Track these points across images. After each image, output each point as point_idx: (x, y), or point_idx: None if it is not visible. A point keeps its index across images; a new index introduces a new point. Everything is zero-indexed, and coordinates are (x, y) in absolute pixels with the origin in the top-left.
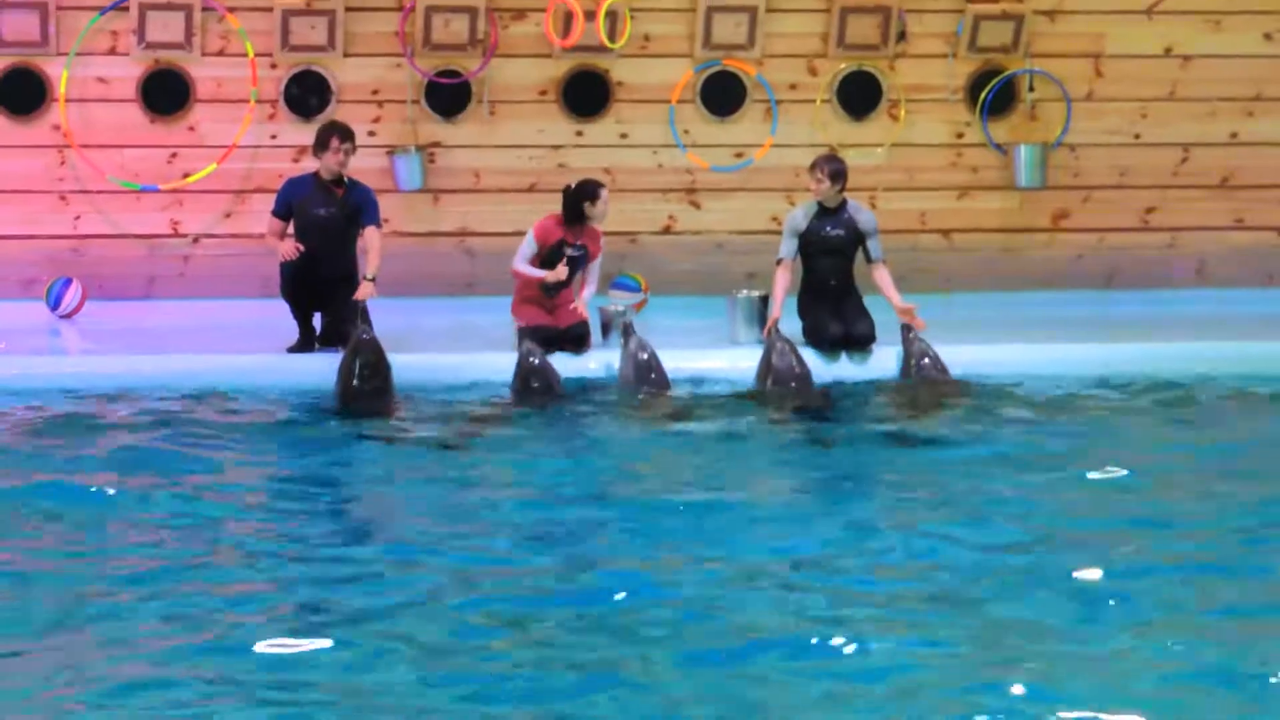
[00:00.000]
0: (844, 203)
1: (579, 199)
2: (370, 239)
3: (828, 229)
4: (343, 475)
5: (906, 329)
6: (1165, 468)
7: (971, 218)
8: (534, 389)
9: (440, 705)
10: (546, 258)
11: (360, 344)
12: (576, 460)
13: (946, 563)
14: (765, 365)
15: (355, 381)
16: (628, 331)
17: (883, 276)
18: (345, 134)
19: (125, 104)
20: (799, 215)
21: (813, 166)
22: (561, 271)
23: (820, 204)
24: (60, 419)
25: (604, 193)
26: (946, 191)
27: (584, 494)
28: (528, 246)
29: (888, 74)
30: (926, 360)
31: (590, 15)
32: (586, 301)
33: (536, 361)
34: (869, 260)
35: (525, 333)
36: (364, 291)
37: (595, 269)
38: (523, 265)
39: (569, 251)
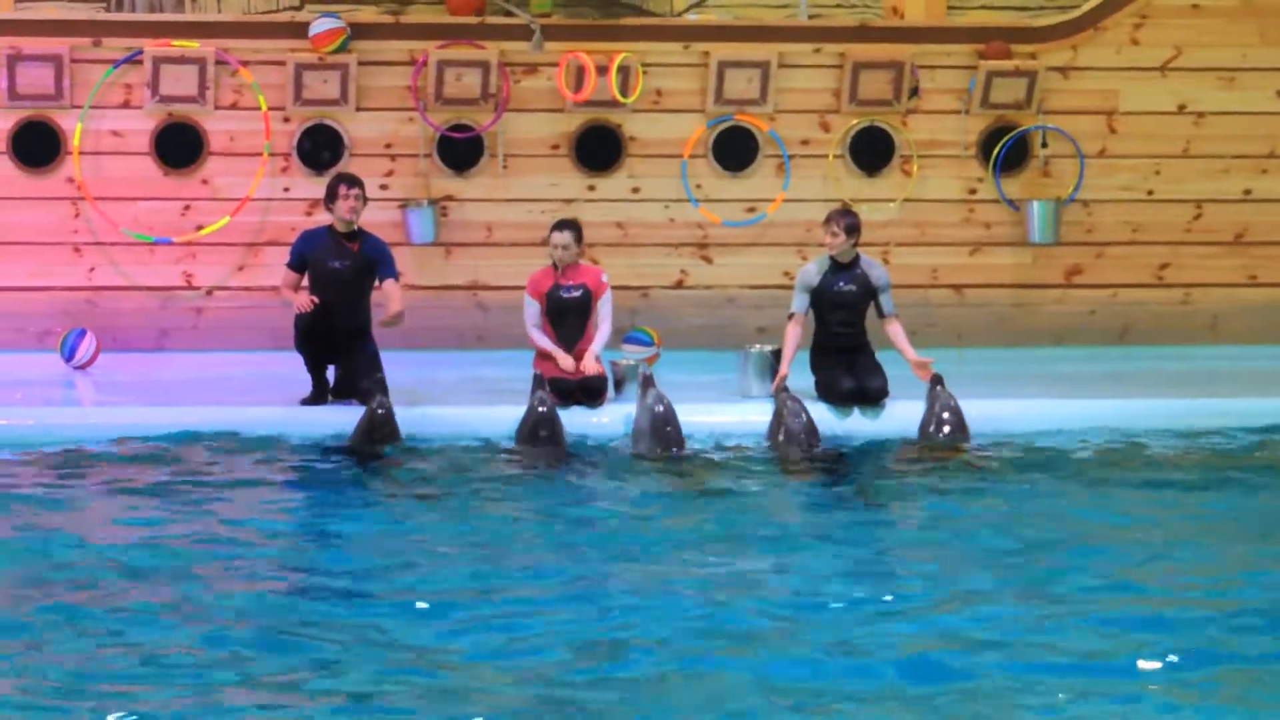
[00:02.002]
0: (857, 258)
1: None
2: (390, 291)
3: (840, 284)
4: (353, 527)
5: (936, 382)
6: (1179, 525)
7: (984, 273)
8: (540, 437)
9: None
10: (551, 307)
11: (375, 418)
12: (583, 513)
13: (956, 622)
14: (776, 422)
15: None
16: (647, 384)
17: (896, 331)
18: (352, 181)
19: (139, 157)
20: (811, 270)
21: (827, 220)
22: (568, 361)
23: (833, 259)
24: (74, 470)
25: (556, 235)
26: (959, 247)
27: (589, 547)
28: (529, 307)
29: (900, 129)
30: (947, 416)
31: (602, 70)
32: (602, 342)
33: (545, 410)
34: (881, 315)
35: (541, 381)
36: (394, 311)
37: (605, 309)
38: (534, 333)
39: (564, 294)
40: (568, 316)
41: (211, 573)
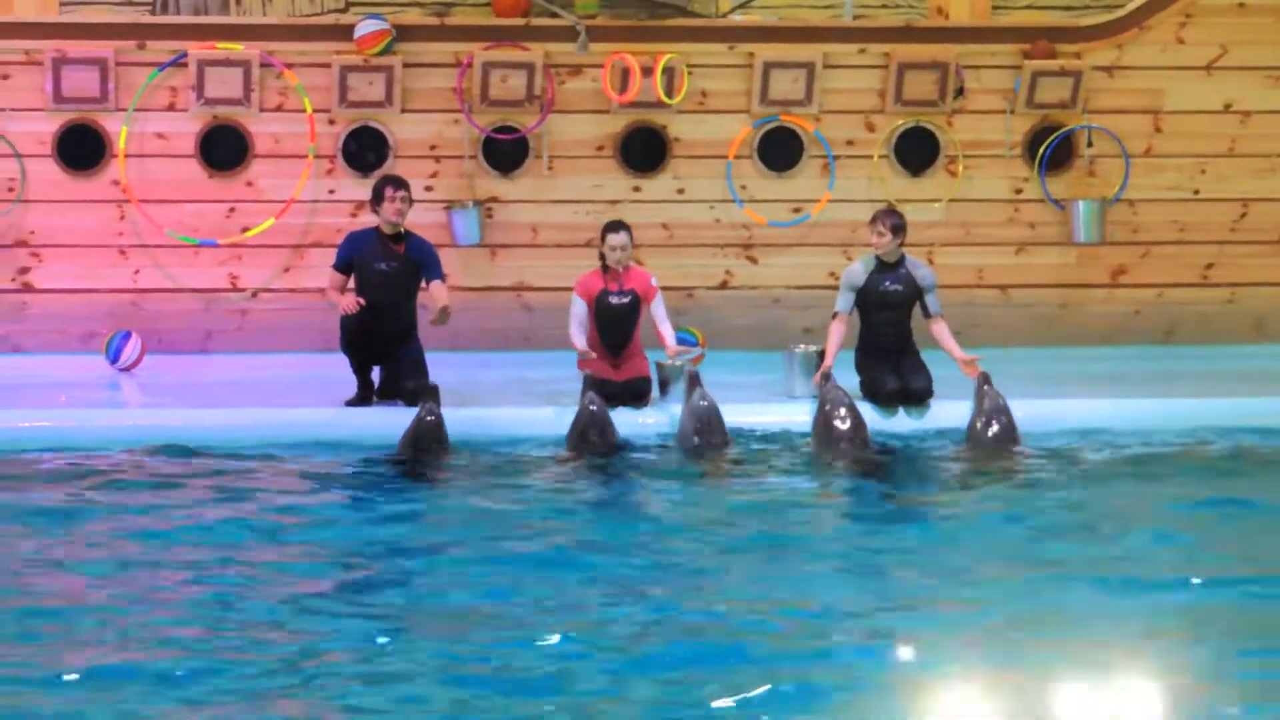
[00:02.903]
0: (902, 258)
1: (600, 245)
2: (436, 292)
3: (886, 284)
4: (399, 528)
5: (984, 381)
6: (1226, 525)
7: (1029, 273)
8: (590, 439)
9: None
10: (599, 312)
11: (424, 424)
12: (631, 512)
13: (1000, 620)
14: (821, 419)
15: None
16: (694, 382)
17: (941, 331)
18: (399, 183)
19: (184, 159)
20: (857, 270)
21: (874, 220)
22: (588, 354)
23: (879, 259)
24: (119, 472)
25: (613, 236)
26: (1004, 247)
27: (637, 546)
28: (576, 307)
29: (945, 130)
30: (995, 415)
31: (648, 71)
32: (671, 336)
33: (596, 410)
34: (927, 315)
35: (590, 382)
36: (441, 305)
37: (660, 311)
38: (575, 334)
39: (613, 300)
40: (614, 323)
41: (258, 575)
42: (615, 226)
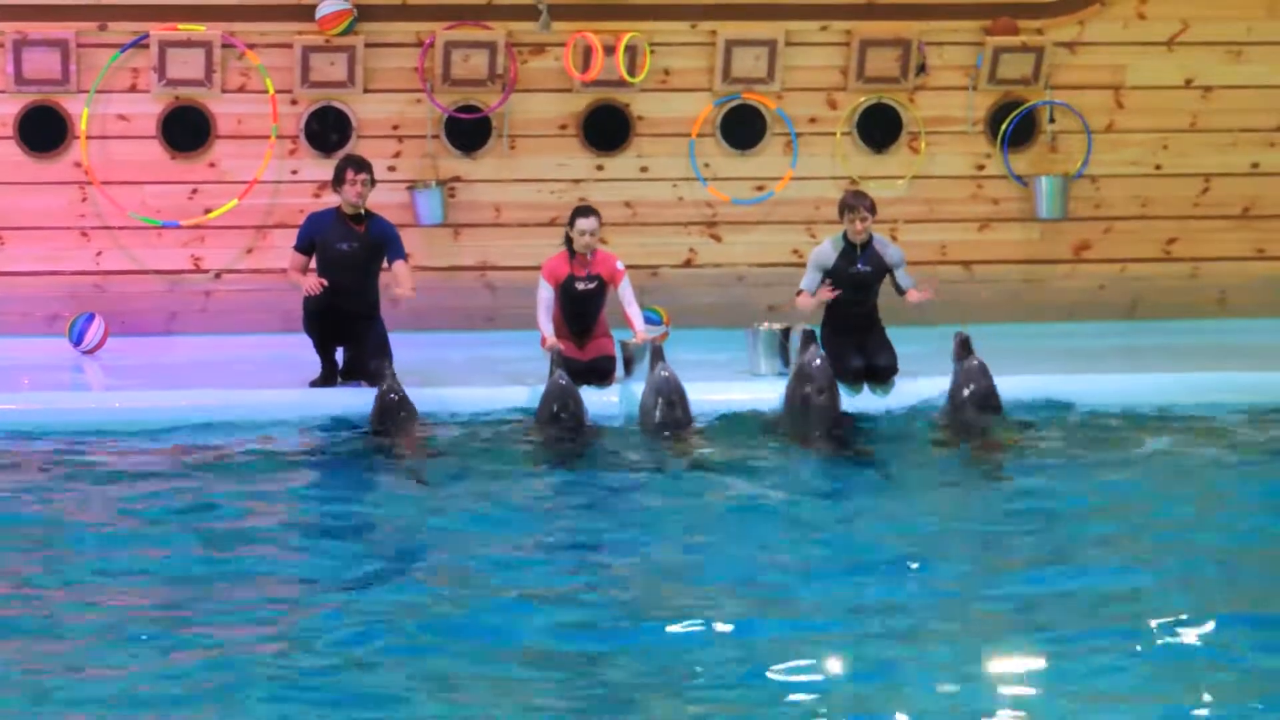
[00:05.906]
0: (871, 238)
1: (568, 228)
2: (399, 272)
3: (857, 266)
4: (365, 509)
5: (964, 349)
6: (1187, 497)
7: (992, 249)
8: (559, 416)
9: None
10: (564, 298)
11: (386, 403)
12: (597, 492)
13: (964, 595)
14: (796, 392)
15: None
16: (657, 356)
17: (914, 297)
18: (360, 165)
19: (146, 141)
20: (827, 250)
21: (852, 208)
22: (552, 343)
23: (848, 240)
24: (83, 455)
25: (582, 221)
26: (967, 223)
27: (604, 523)
28: (543, 291)
29: (908, 106)
30: (972, 391)
31: (610, 50)
32: (639, 319)
33: (565, 384)
34: (901, 292)
35: (559, 359)
36: (406, 291)
37: (628, 294)
38: (542, 319)
39: (579, 286)
40: (580, 307)
41: (223, 556)
42: (585, 211)
